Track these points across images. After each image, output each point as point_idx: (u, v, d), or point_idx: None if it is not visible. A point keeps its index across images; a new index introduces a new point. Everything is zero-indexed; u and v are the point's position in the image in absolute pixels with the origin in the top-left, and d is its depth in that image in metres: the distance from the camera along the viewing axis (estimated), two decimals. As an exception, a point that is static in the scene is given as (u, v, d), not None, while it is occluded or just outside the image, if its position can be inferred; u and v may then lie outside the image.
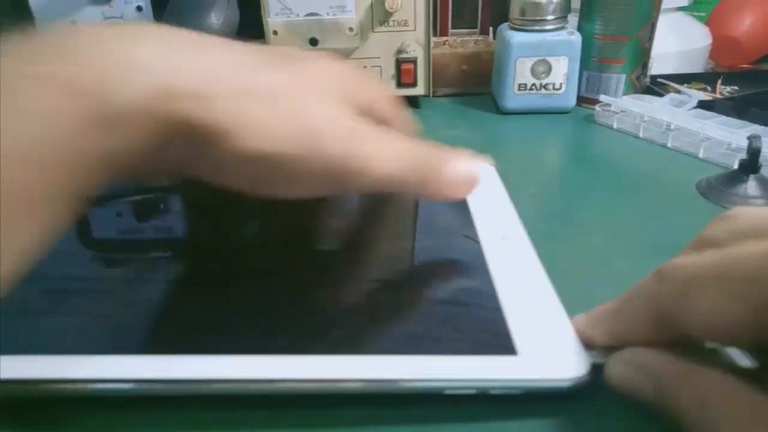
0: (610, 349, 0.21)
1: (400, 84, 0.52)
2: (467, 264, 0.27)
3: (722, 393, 0.17)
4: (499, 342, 0.21)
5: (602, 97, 0.50)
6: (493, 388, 0.20)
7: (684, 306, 0.18)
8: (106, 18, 0.53)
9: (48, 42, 0.19)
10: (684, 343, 0.19)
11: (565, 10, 0.50)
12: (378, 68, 0.51)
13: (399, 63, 0.51)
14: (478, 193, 0.31)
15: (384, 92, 0.29)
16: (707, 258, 0.18)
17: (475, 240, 0.28)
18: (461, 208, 0.31)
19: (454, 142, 0.34)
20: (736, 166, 0.37)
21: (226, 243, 0.29)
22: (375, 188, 0.24)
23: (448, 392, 0.20)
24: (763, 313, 0.16)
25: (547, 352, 0.21)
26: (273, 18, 0.48)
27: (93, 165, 0.19)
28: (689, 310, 0.18)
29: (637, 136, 0.46)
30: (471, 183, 0.26)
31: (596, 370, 0.20)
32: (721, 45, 0.64)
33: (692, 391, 0.18)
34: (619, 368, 0.20)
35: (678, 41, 0.59)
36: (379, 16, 0.49)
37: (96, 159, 0.19)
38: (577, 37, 0.49)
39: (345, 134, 0.23)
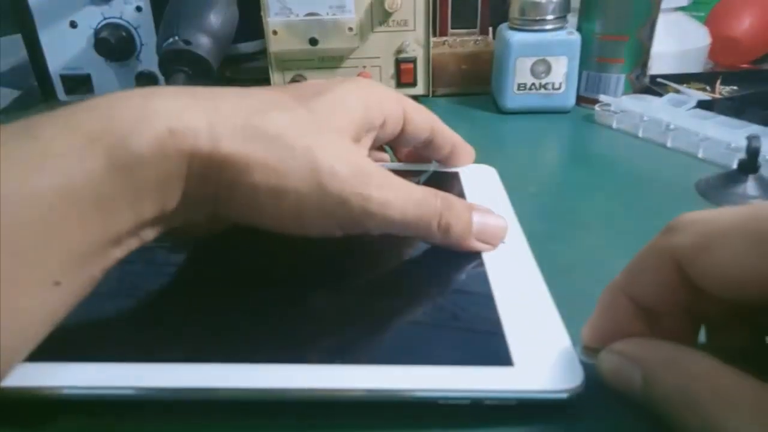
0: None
1: (399, 84, 0.52)
2: (465, 270, 0.26)
3: (705, 372, 0.18)
4: (496, 352, 0.21)
5: (602, 97, 0.50)
6: (488, 399, 0.20)
7: (703, 258, 0.18)
8: (105, 18, 0.52)
9: (73, 104, 0.20)
10: (693, 309, 0.20)
11: (564, 9, 0.50)
12: (377, 68, 0.51)
13: (398, 63, 0.51)
14: (479, 195, 0.32)
15: (419, 114, 0.30)
16: (725, 212, 0.18)
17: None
18: None
19: (454, 142, 0.34)
20: (735, 166, 0.37)
21: (228, 249, 0.29)
22: (386, 231, 0.25)
23: (442, 402, 0.20)
24: None
25: (543, 362, 0.21)
26: (273, 18, 0.48)
27: (119, 207, 0.20)
28: (708, 262, 0.18)
29: (636, 136, 0.46)
30: (495, 238, 0.27)
31: (590, 380, 0.20)
32: (720, 45, 0.64)
33: (677, 373, 0.18)
34: (610, 358, 0.20)
35: (677, 41, 0.59)
36: (379, 16, 0.49)
37: (121, 201, 0.20)
38: (576, 37, 0.49)
39: (350, 174, 0.23)
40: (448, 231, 0.26)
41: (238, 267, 0.27)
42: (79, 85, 0.55)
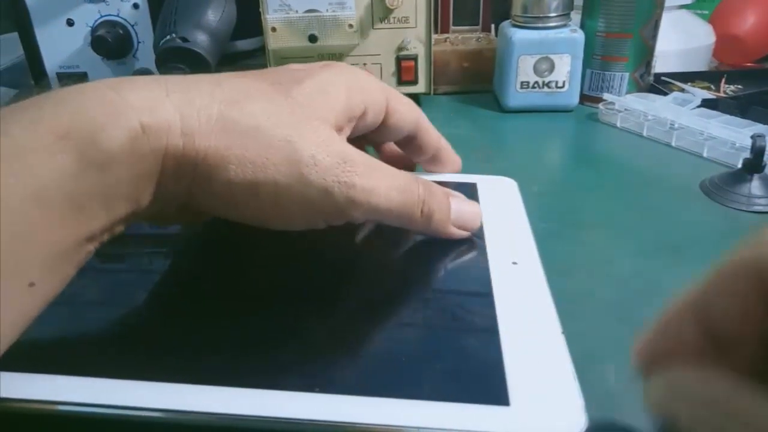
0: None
1: (400, 82, 0.51)
2: (472, 294, 0.24)
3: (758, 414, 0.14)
4: (492, 389, 0.19)
5: (605, 96, 0.49)
6: None
7: None
8: (102, 16, 0.52)
9: (39, 97, 0.20)
10: None
11: (567, 7, 0.49)
12: (378, 66, 0.51)
13: (399, 60, 0.50)
14: (494, 210, 0.30)
15: (403, 106, 0.29)
16: None
17: (483, 265, 0.26)
18: None
19: (456, 141, 0.34)
20: (740, 165, 0.36)
21: (216, 255, 0.27)
22: (370, 218, 0.24)
23: None
24: None
25: (544, 403, 0.19)
26: (272, 15, 0.48)
27: (92, 207, 0.19)
28: None
29: (640, 135, 0.45)
30: (471, 224, 0.27)
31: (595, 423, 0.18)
32: (724, 43, 0.63)
33: (725, 413, 0.15)
34: (657, 390, 0.17)
35: (681, 39, 0.58)
36: (380, 12, 0.49)
37: (94, 200, 0.19)
38: (579, 35, 0.48)
39: (332, 163, 0.22)
40: (431, 218, 0.25)
41: (223, 276, 0.26)
42: (76, 84, 0.54)
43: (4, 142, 0.17)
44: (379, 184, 0.23)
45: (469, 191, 0.32)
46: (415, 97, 0.54)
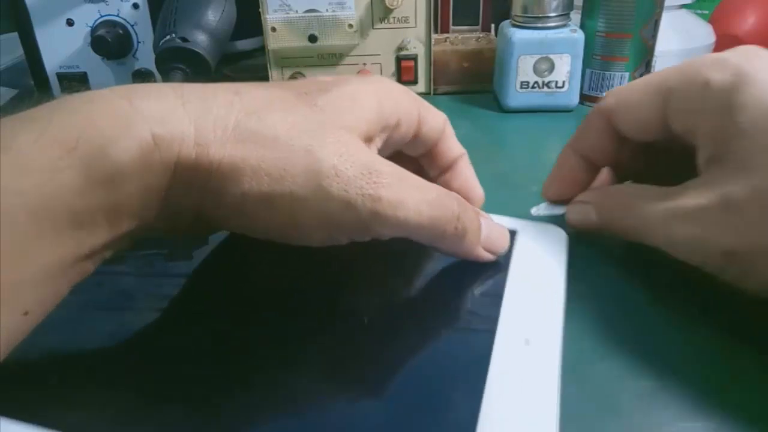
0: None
1: (400, 82, 0.51)
2: (459, 382, 0.20)
3: (639, 194, 0.26)
4: None
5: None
6: None
7: (622, 108, 0.28)
8: (102, 16, 0.52)
9: (46, 104, 0.19)
10: (619, 160, 0.29)
11: (567, 7, 0.49)
12: (378, 65, 0.51)
13: (399, 60, 0.50)
14: (527, 269, 0.26)
15: (432, 115, 0.28)
16: (641, 78, 0.28)
17: (488, 339, 0.21)
18: (497, 278, 0.25)
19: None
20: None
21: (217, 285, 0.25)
22: (398, 235, 0.22)
23: None
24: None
25: None
26: (272, 15, 0.48)
27: (96, 223, 0.18)
28: (625, 110, 0.27)
29: (640, 135, 0.45)
30: (499, 248, 0.26)
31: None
32: (724, 43, 0.63)
33: (620, 202, 0.27)
34: (573, 208, 0.29)
35: (681, 39, 0.58)
36: (379, 12, 0.49)
37: (98, 216, 0.18)
38: (579, 35, 0.48)
39: (356, 174, 0.20)
40: (464, 237, 0.24)
41: (214, 315, 0.23)
42: (76, 84, 0.54)
43: (11, 158, 0.17)
44: (408, 196, 0.21)
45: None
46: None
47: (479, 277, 0.25)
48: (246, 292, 0.25)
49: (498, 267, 0.26)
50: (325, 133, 0.21)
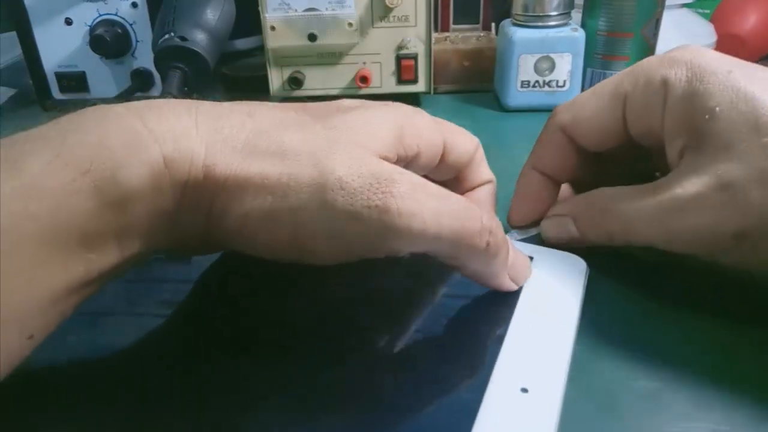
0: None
1: (400, 81, 0.51)
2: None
3: (618, 196, 0.25)
4: None
5: (606, 95, 0.49)
6: None
7: (579, 120, 0.28)
8: (101, 15, 0.52)
9: (56, 122, 0.19)
10: (579, 173, 0.29)
11: (568, 5, 0.49)
12: (378, 65, 0.50)
13: (399, 59, 0.50)
14: (537, 302, 0.23)
15: (462, 141, 0.26)
16: (589, 90, 0.28)
17: (478, 390, 0.19)
18: (502, 313, 0.23)
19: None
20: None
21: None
22: (416, 250, 0.20)
23: None
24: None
25: None
26: (271, 13, 0.48)
27: (105, 245, 0.18)
28: (582, 121, 0.28)
29: (642, 134, 0.45)
30: (522, 277, 0.24)
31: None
32: (725, 42, 0.63)
33: (599, 207, 0.26)
34: (549, 223, 0.28)
35: (682, 38, 0.58)
36: (379, 11, 0.48)
37: (108, 238, 0.18)
38: (580, 34, 0.48)
39: (362, 184, 0.19)
40: (496, 255, 0.22)
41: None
42: (75, 83, 0.54)
43: (23, 181, 0.16)
44: (423, 206, 0.19)
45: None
46: (415, 96, 0.54)
47: (484, 311, 0.24)
48: (248, 298, 0.25)
49: (507, 301, 0.23)
50: (332, 147, 0.20)
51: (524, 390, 0.19)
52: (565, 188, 0.31)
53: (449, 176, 0.27)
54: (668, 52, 0.26)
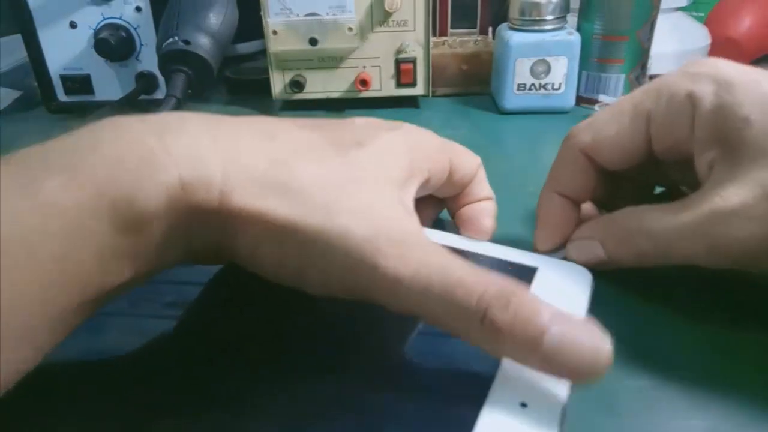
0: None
1: (399, 84, 0.52)
2: None
3: (648, 215, 0.25)
4: None
5: (601, 97, 0.50)
6: None
7: (600, 140, 0.27)
8: (105, 18, 0.52)
9: (73, 137, 0.19)
10: (599, 194, 0.29)
11: (564, 10, 0.50)
12: (377, 68, 0.51)
13: (398, 63, 0.51)
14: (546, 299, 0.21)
15: (465, 161, 0.27)
16: (606, 108, 0.28)
17: (474, 403, 0.19)
18: None
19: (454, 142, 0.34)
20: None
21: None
22: (405, 313, 0.19)
23: None
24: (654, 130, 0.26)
25: None
26: (273, 18, 0.48)
27: (119, 265, 0.18)
28: (603, 141, 0.27)
29: (636, 136, 0.46)
30: (576, 369, 0.17)
31: None
32: (720, 45, 0.63)
33: (630, 227, 0.25)
34: (576, 246, 0.27)
35: (677, 41, 0.59)
36: (379, 16, 0.49)
37: (122, 259, 0.18)
38: (576, 37, 0.49)
39: (364, 237, 0.19)
40: (498, 333, 0.17)
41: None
42: (80, 86, 0.55)
43: (39, 202, 0.17)
44: (413, 272, 0.19)
45: (524, 278, 0.25)
46: (414, 100, 0.54)
47: None
48: (251, 302, 0.25)
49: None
50: (349, 190, 0.21)
51: (523, 405, 0.18)
52: (587, 207, 0.30)
53: (452, 194, 0.28)
54: (684, 68, 0.26)
